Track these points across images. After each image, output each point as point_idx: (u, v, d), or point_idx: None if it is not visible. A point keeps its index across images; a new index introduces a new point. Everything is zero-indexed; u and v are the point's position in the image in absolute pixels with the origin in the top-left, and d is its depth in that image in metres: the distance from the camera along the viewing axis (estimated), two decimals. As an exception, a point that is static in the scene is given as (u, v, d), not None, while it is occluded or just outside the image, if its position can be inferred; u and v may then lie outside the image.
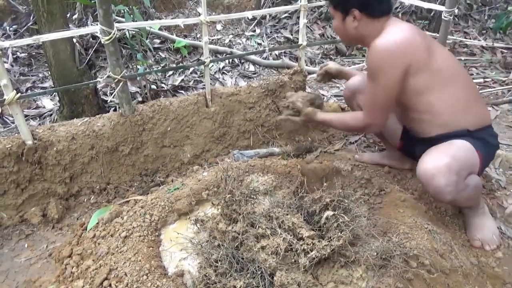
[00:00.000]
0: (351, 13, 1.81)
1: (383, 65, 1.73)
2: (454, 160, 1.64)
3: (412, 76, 1.74)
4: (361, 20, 1.82)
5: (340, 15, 1.86)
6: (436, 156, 1.68)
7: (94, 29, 1.96)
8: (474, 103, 1.83)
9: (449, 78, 1.79)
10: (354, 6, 1.80)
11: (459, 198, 1.70)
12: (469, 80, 1.90)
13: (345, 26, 1.87)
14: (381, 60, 1.73)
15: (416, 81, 1.76)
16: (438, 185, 1.62)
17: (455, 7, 2.27)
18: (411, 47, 1.72)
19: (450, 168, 1.62)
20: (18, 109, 1.91)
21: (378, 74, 1.76)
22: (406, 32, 1.74)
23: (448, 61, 1.82)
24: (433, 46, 1.80)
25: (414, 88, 1.77)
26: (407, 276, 1.45)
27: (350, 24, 1.85)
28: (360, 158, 2.39)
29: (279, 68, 3.89)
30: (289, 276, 1.39)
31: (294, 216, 1.58)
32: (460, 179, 1.65)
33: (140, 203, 1.91)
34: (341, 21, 1.87)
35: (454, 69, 1.83)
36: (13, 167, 1.97)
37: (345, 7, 1.82)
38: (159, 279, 1.50)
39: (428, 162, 1.67)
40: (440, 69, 1.77)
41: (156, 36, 4.09)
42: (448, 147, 1.72)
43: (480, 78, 3.69)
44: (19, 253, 1.90)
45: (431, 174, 1.63)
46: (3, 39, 3.80)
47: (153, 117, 2.27)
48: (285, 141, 2.67)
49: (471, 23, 4.90)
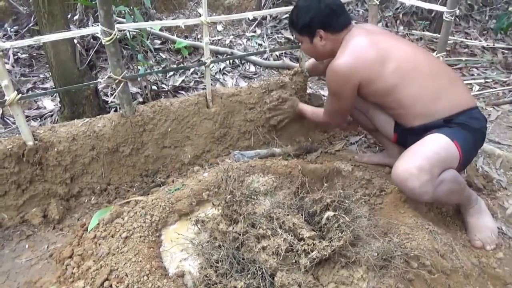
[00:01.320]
0: (317, 34, 2.01)
1: (335, 85, 1.97)
2: (425, 159, 1.68)
3: (367, 86, 1.92)
4: (326, 38, 2.01)
5: (307, 39, 2.06)
6: (407, 159, 1.73)
7: (95, 30, 1.96)
8: (446, 89, 1.87)
9: (410, 72, 1.87)
10: (317, 28, 1.99)
11: (438, 195, 1.73)
12: (436, 67, 1.94)
13: (314, 47, 2.07)
14: (333, 81, 1.96)
15: (373, 88, 1.92)
16: (411, 187, 1.67)
17: (456, 7, 2.26)
18: (358, 66, 1.88)
19: (421, 169, 1.65)
20: (19, 109, 1.91)
21: (333, 91, 2.02)
22: (356, 51, 1.90)
23: (406, 57, 1.90)
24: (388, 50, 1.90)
25: (375, 93, 1.94)
26: (408, 277, 1.45)
27: (318, 44, 2.04)
28: (360, 158, 2.39)
29: (280, 68, 3.88)
30: (290, 277, 1.39)
31: (295, 216, 1.58)
32: (433, 177, 1.68)
33: (141, 204, 1.91)
34: (309, 43, 2.07)
35: (414, 61, 1.90)
36: (14, 168, 1.97)
37: (310, 30, 2.02)
38: (159, 280, 1.50)
39: (399, 166, 1.72)
40: (398, 69, 1.87)
41: (157, 37, 4.09)
42: (420, 147, 1.76)
43: (481, 78, 3.69)
44: (20, 253, 1.91)
45: (404, 178, 1.68)
46: (4, 40, 3.80)
47: (154, 117, 2.27)
48: (286, 141, 2.67)
49: (472, 24, 4.89)
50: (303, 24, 2.01)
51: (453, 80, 1.92)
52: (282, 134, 2.68)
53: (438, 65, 1.96)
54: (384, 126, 2.15)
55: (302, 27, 2.03)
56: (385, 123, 2.13)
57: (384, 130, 2.16)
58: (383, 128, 2.17)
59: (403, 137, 2.04)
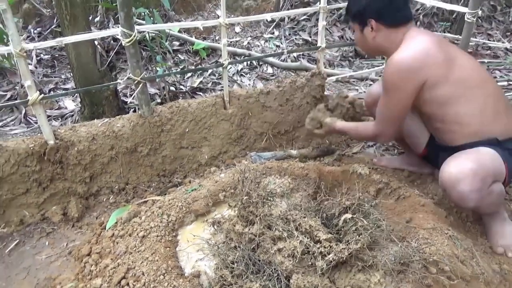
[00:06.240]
0: (368, 23, 1.84)
1: (396, 80, 1.75)
2: (480, 166, 1.60)
3: (431, 89, 1.74)
4: (378, 30, 1.84)
5: (359, 27, 1.90)
6: (462, 161, 1.63)
7: (115, 31, 1.99)
8: (503, 112, 1.77)
9: (475, 87, 1.74)
10: (370, 16, 1.82)
11: (482, 205, 1.66)
12: (498, 88, 1.84)
13: (364, 38, 1.90)
14: (395, 75, 1.74)
15: (436, 93, 1.75)
16: (462, 190, 1.59)
17: (478, 8, 2.22)
18: (427, 62, 1.71)
19: (476, 174, 1.58)
20: (41, 109, 1.95)
21: (392, 88, 1.78)
22: (424, 46, 1.73)
23: (473, 70, 1.78)
24: (455, 57, 1.77)
25: (437, 99, 1.76)
26: (426, 282, 1.43)
27: (368, 35, 1.87)
28: (378, 162, 2.36)
29: (298, 70, 3.87)
30: (306, 279, 1.38)
31: (312, 219, 1.56)
32: (484, 186, 1.60)
33: (158, 204, 1.93)
34: (360, 33, 1.91)
35: (480, 77, 1.78)
36: (35, 166, 2.02)
37: (362, 18, 1.85)
38: (175, 279, 1.51)
39: (453, 166, 1.63)
40: (463, 79, 1.73)
41: (176, 39, 4.13)
42: (475, 153, 1.68)
43: (504, 81, 3.60)
44: (40, 250, 1.94)
45: (456, 179, 1.59)
46: (28, 41, 3.90)
47: (172, 118, 2.29)
48: (303, 143, 2.65)
49: (494, 25, 4.78)
50: (357, 10, 1.86)
51: (509, 105, 1.84)
52: (300, 136, 2.67)
53: (498, 86, 1.88)
54: (415, 137, 2.07)
55: (355, 13, 1.88)
56: (417, 135, 2.05)
57: (414, 141, 2.10)
58: (413, 139, 2.09)
59: (434, 154, 1.95)
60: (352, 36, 4.42)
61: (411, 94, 1.75)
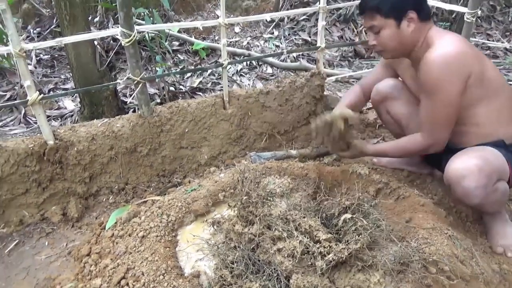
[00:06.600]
0: (407, 15, 1.72)
1: (442, 78, 1.64)
2: (486, 163, 1.59)
3: (470, 87, 1.66)
4: (415, 23, 1.73)
5: (393, 23, 1.74)
6: (467, 157, 1.63)
7: (115, 31, 1.99)
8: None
9: (497, 89, 1.73)
10: (410, 8, 1.70)
11: (486, 202, 1.66)
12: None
13: (400, 34, 1.75)
14: (441, 73, 1.63)
15: (472, 92, 1.68)
16: (467, 186, 1.58)
17: (478, 8, 2.22)
18: (469, 57, 1.64)
19: (481, 170, 1.57)
20: (40, 109, 1.95)
21: (438, 89, 1.66)
22: (459, 43, 1.67)
23: (495, 71, 1.75)
24: (483, 56, 1.75)
25: (467, 100, 1.69)
26: (426, 282, 1.43)
27: (405, 29, 1.74)
28: (378, 162, 2.36)
29: (297, 70, 3.87)
30: (306, 279, 1.38)
31: (311, 219, 1.56)
32: (489, 183, 1.60)
33: (158, 204, 1.92)
34: (396, 29, 1.74)
35: (501, 79, 1.77)
36: (35, 167, 2.02)
37: (400, 10, 1.71)
38: (175, 279, 1.51)
39: (459, 162, 1.62)
40: (490, 79, 1.70)
41: (175, 39, 4.13)
42: (480, 150, 1.68)
43: (503, 81, 3.60)
44: (40, 250, 1.94)
45: (461, 175, 1.59)
46: (27, 41, 3.90)
47: (171, 118, 2.29)
48: (303, 143, 2.65)
49: (494, 25, 4.79)
50: (395, 2, 1.71)
51: None
52: (299, 136, 2.67)
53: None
54: None
55: (393, 6, 1.71)
56: None
57: None
58: None
59: (435, 156, 1.91)
60: (352, 36, 4.43)
61: (459, 91, 1.64)
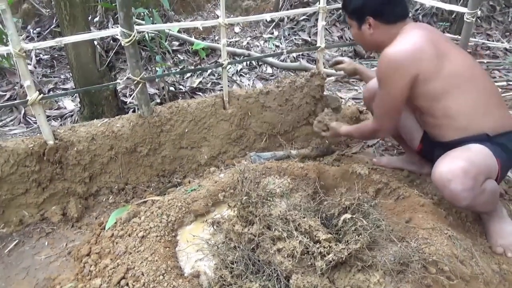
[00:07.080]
0: (366, 21, 1.87)
1: (390, 73, 1.77)
2: (471, 164, 1.60)
3: (423, 84, 1.76)
4: (376, 27, 1.87)
5: (356, 24, 1.93)
6: (452, 160, 1.64)
7: (115, 31, 1.99)
8: (495, 107, 1.79)
9: (466, 82, 1.76)
10: (368, 14, 1.85)
11: (476, 203, 1.66)
12: (490, 84, 1.86)
13: (362, 35, 1.93)
14: (388, 68, 1.77)
15: (428, 88, 1.77)
16: (454, 190, 1.59)
17: (477, 8, 2.22)
18: (419, 56, 1.73)
19: (467, 172, 1.58)
20: (40, 109, 1.95)
21: (385, 82, 1.80)
22: (415, 41, 1.76)
23: (464, 65, 1.79)
24: (447, 52, 1.79)
25: (428, 94, 1.79)
26: (425, 283, 1.43)
27: (366, 32, 1.90)
28: (378, 161, 2.36)
29: (297, 70, 3.87)
30: (305, 279, 1.38)
31: (311, 219, 1.56)
32: (476, 184, 1.61)
33: (157, 204, 1.92)
34: (357, 29, 1.94)
35: (472, 72, 1.79)
36: (34, 167, 2.02)
37: (359, 15, 1.88)
38: (175, 280, 1.51)
39: (444, 166, 1.64)
40: (455, 74, 1.76)
41: (175, 39, 4.14)
42: (465, 151, 1.69)
43: (503, 81, 3.60)
44: (40, 250, 1.94)
45: (447, 179, 1.60)
46: (27, 41, 3.90)
47: (171, 118, 2.29)
48: (302, 143, 2.66)
49: (494, 25, 4.79)
50: (354, 8, 1.89)
51: (500, 100, 1.85)
52: (299, 136, 2.67)
53: (491, 83, 1.89)
54: (410, 133, 2.10)
55: (353, 11, 1.91)
56: (412, 130, 2.07)
57: (409, 137, 2.12)
58: (409, 136, 2.11)
59: (428, 149, 1.97)
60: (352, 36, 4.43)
61: (403, 87, 1.76)
